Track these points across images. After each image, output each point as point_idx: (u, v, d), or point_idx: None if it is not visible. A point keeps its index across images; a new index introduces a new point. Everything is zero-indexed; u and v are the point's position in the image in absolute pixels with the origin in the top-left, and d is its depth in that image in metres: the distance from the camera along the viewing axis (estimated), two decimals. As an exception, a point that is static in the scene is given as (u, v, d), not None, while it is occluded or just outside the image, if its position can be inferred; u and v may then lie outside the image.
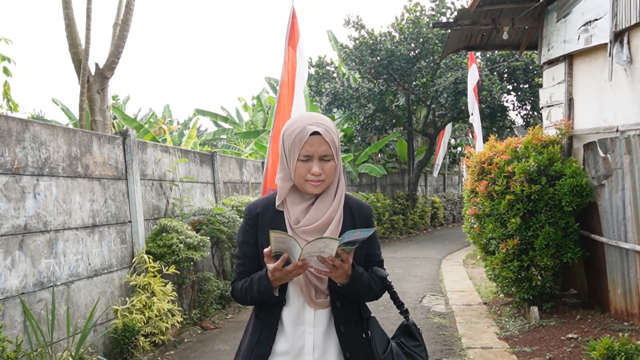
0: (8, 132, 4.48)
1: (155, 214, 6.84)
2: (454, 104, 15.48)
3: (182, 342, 6.34)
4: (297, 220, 2.09)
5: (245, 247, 2.17)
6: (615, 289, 5.82)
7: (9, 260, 4.39)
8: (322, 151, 2.05)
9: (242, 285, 2.14)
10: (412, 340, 2.22)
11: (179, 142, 17.48)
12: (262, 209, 2.16)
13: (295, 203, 2.11)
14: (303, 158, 2.04)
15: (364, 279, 2.09)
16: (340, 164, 2.15)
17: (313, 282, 2.08)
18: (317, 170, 2.04)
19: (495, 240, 6.46)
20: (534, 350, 5.39)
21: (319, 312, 2.11)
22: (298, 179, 2.07)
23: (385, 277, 2.18)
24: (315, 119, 2.08)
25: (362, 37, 15.95)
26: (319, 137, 2.04)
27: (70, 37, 7.39)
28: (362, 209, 2.21)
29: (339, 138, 2.13)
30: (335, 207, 2.09)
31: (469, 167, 7.15)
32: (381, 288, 2.18)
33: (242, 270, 2.18)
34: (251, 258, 2.16)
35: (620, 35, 5.60)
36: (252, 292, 2.09)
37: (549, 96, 7.36)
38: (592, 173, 6.09)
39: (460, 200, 23.00)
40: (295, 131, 2.05)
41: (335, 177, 2.12)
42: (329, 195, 2.11)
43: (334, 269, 1.95)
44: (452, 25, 8.11)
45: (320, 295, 2.11)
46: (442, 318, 7.14)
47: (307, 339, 2.09)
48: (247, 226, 2.18)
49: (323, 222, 2.06)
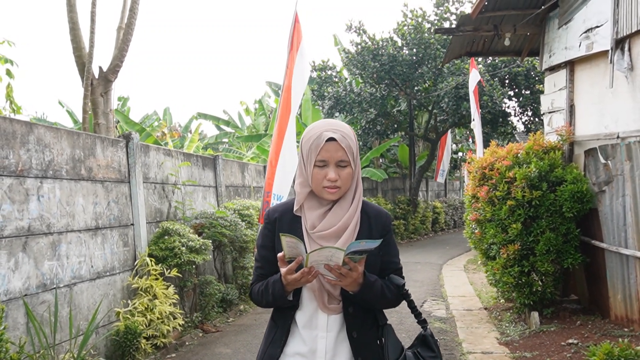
0: (12, 135, 4.52)
1: (157, 217, 6.87)
2: (455, 109, 15.52)
3: (184, 345, 6.37)
4: (314, 225, 2.11)
5: (264, 251, 2.21)
6: (615, 294, 5.83)
7: (13, 262, 4.42)
8: (338, 157, 2.06)
9: (259, 288, 2.18)
10: (428, 351, 2.20)
11: (181, 145, 17.52)
12: (280, 213, 2.19)
13: (313, 208, 2.13)
14: (319, 164, 2.06)
15: (377, 288, 2.09)
16: (359, 170, 2.15)
17: (326, 287, 2.10)
18: (333, 176, 2.05)
19: (496, 245, 6.48)
20: (534, 356, 5.41)
21: (331, 317, 2.12)
22: (315, 184, 2.09)
23: (401, 285, 2.18)
24: (333, 125, 2.09)
25: (364, 42, 16.00)
26: (335, 144, 2.05)
27: (75, 40, 7.44)
28: (380, 217, 2.21)
29: (357, 145, 2.14)
30: (351, 213, 2.10)
31: (470, 172, 7.18)
32: (397, 296, 2.18)
33: (260, 274, 2.22)
34: (269, 261, 2.18)
35: (621, 42, 5.63)
36: (267, 296, 2.12)
37: (551, 102, 7.39)
38: (592, 179, 6.11)
39: (461, 206, 23.02)
40: (312, 137, 2.08)
41: (353, 184, 2.13)
42: (346, 202, 2.12)
43: (342, 277, 1.96)
44: (454, 32, 8.15)
45: (333, 301, 2.12)
46: (442, 323, 7.15)
47: (319, 343, 2.11)
48: (265, 230, 2.21)
49: (339, 227, 2.07)
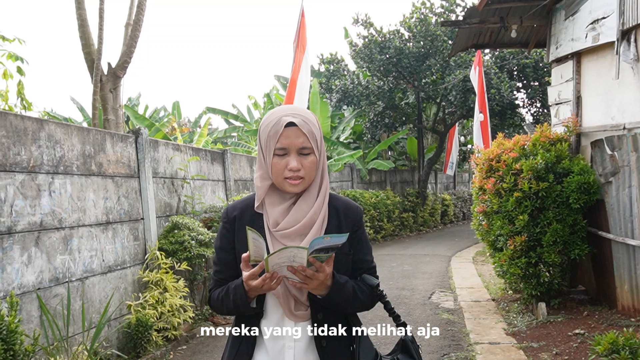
0: (24, 131, 4.60)
1: (167, 211, 6.95)
2: (463, 101, 15.51)
3: (194, 338, 6.45)
4: (276, 222, 1.91)
5: (222, 253, 2.01)
6: (622, 285, 5.86)
7: (26, 257, 4.50)
8: (300, 144, 1.86)
9: (219, 294, 1.99)
10: (408, 358, 2.03)
11: (190, 140, 17.62)
12: (239, 211, 2.00)
13: (275, 204, 1.93)
14: (279, 152, 1.87)
15: (347, 289, 1.91)
16: (324, 159, 1.96)
17: (292, 292, 1.90)
18: (294, 165, 1.86)
19: (503, 237, 6.51)
20: (541, 346, 5.45)
21: (299, 325, 1.93)
22: (276, 176, 1.90)
23: (375, 285, 1.99)
24: (292, 110, 1.90)
25: (370, 35, 16.00)
26: (295, 129, 1.86)
27: (83, 37, 7.52)
28: (350, 210, 2.02)
29: (320, 131, 1.95)
30: (318, 207, 1.91)
31: (477, 164, 7.21)
32: (370, 298, 1.99)
33: (219, 278, 2.03)
34: (228, 265, 2.00)
35: (627, 33, 5.64)
36: (228, 302, 1.94)
37: (557, 94, 7.39)
38: (599, 170, 6.13)
39: (470, 198, 22.99)
40: (271, 124, 1.88)
41: (318, 174, 1.94)
42: (310, 195, 1.92)
43: (307, 279, 1.78)
44: (460, 24, 8.15)
45: (300, 307, 1.93)
46: (450, 314, 7.20)
47: (287, 354, 1.92)
48: (224, 230, 2.02)
49: (304, 224, 1.88)
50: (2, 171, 4.31)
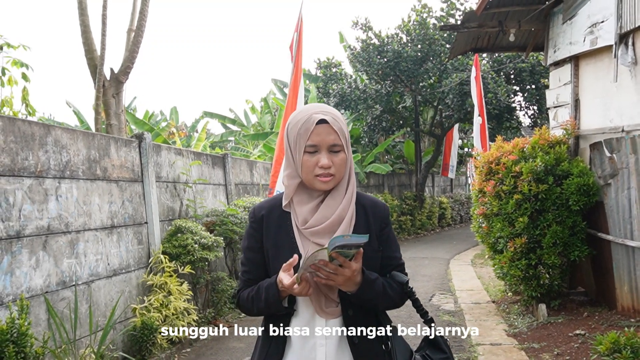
0: (32, 137, 4.65)
1: (170, 215, 7.00)
2: (460, 105, 15.59)
3: (198, 340, 6.50)
4: (305, 220, 1.91)
5: (251, 253, 2.02)
6: (622, 286, 5.93)
7: (34, 260, 4.55)
8: (331, 141, 1.87)
9: (249, 294, 1.98)
10: (439, 352, 2.02)
11: (188, 144, 17.66)
12: (267, 210, 2.00)
13: (303, 202, 1.93)
14: (310, 149, 1.87)
15: (377, 286, 1.91)
16: (351, 157, 1.96)
17: (323, 290, 1.91)
18: (326, 162, 1.86)
19: (503, 239, 6.58)
20: (542, 347, 5.52)
21: (330, 322, 1.92)
22: (306, 174, 1.89)
23: (405, 282, 1.99)
24: (322, 108, 1.91)
25: (369, 39, 16.09)
26: (326, 126, 1.86)
27: (86, 43, 7.57)
28: (378, 208, 2.02)
29: (348, 129, 1.95)
30: (346, 204, 1.91)
31: (477, 167, 7.28)
32: (400, 295, 1.99)
33: (247, 278, 2.03)
34: (257, 265, 2.00)
35: (625, 37, 5.72)
36: (259, 302, 1.93)
37: (556, 97, 7.47)
38: (598, 172, 6.20)
39: (467, 201, 23.09)
40: (301, 121, 1.88)
41: (346, 172, 1.93)
42: (339, 192, 1.92)
43: (331, 274, 1.79)
44: (459, 28, 8.24)
45: (331, 304, 1.93)
46: (451, 316, 7.26)
47: (318, 352, 1.91)
48: (251, 230, 2.01)
49: (333, 221, 1.88)
50: (10, 176, 4.36)
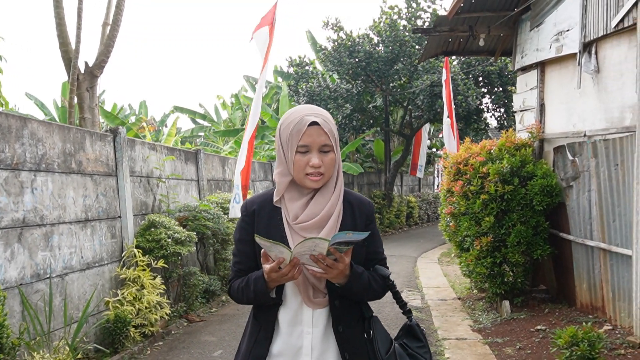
0: (8, 129, 4.66)
1: (143, 209, 7.03)
2: (430, 105, 15.85)
3: (170, 334, 6.56)
4: (296, 215, 2.01)
5: (242, 245, 2.11)
6: (581, 284, 6.19)
7: (9, 252, 4.57)
8: (322, 142, 1.98)
9: (239, 284, 2.09)
10: (415, 341, 2.15)
11: (157, 139, 17.56)
12: (258, 205, 2.09)
13: (294, 199, 2.04)
14: (302, 150, 1.98)
15: (364, 279, 2.03)
16: (339, 157, 2.06)
17: (311, 281, 2.01)
18: (316, 162, 1.96)
19: (470, 237, 6.79)
20: (505, 341, 5.73)
21: (317, 311, 2.03)
22: (297, 172, 2.00)
23: (387, 276, 2.12)
24: (313, 110, 2.02)
25: (340, 39, 16.23)
26: (317, 128, 1.97)
27: (61, 35, 7.53)
28: (364, 205, 2.14)
29: (337, 130, 2.07)
30: (334, 201, 2.02)
31: (445, 167, 7.47)
32: (383, 287, 2.12)
33: (239, 269, 2.13)
34: (248, 256, 2.10)
35: (588, 45, 5.96)
36: (249, 293, 2.04)
37: (522, 101, 7.72)
38: (561, 175, 6.45)
39: (434, 200, 23.45)
40: (293, 122, 1.98)
41: (335, 171, 2.05)
42: (327, 190, 2.04)
43: (327, 268, 1.89)
44: (431, 32, 8.43)
45: (319, 295, 2.03)
46: (418, 312, 7.45)
47: (305, 340, 2.02)
48: (243, 223, 2.11)
49: (322, 217, 1.99)
50: (-13, 168, 4.38)
